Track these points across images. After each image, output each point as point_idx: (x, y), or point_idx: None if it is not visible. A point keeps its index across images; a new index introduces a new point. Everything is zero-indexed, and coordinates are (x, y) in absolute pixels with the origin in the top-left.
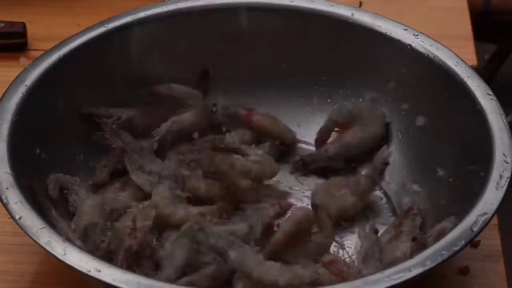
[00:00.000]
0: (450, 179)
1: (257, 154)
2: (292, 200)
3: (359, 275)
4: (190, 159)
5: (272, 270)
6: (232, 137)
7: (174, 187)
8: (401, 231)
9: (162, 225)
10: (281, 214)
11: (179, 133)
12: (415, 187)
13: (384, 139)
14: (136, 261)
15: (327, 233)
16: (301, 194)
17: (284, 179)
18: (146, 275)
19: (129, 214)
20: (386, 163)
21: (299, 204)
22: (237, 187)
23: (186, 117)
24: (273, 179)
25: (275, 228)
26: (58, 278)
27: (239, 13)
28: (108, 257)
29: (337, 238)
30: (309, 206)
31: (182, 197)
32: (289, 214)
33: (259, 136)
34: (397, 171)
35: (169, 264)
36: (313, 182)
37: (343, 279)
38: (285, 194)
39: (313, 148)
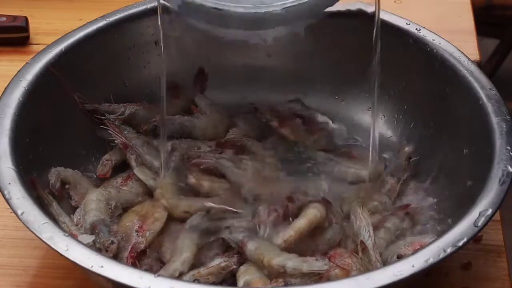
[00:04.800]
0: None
1: (262, 155)
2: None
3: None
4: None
5: (283, 257)
6: (234, 132)
7: (178, 180)
8: (384, 225)
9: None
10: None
11: (184, 133)
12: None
13: None
14: (141, 256)
15: (337, 229)
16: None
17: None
18: (149, 269)
19: (138, 209)
20: (409, 158)
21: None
22: None
23: (197, 122)
24: None
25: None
26: (60, 272)
27: None
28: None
29: None
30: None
31: (186, 189)
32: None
33: (264, 131)
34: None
35: (177, 258)
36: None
37: (347, 272)
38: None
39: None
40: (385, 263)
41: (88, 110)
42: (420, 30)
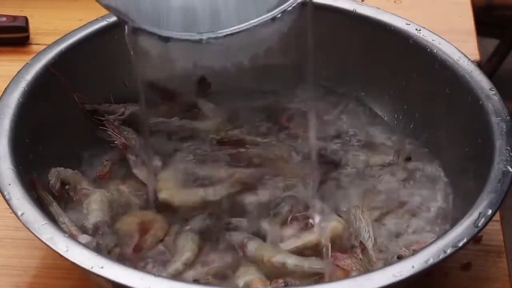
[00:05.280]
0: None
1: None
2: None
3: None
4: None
5: (283, 255)
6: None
7: (178, 172)
8: (383, 223)
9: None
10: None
11: (184, 135)
12: None
13: None
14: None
15: None
16: None
17: None
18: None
19: (139, 215)
20: (409, 159)
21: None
22: None
23: (199, 125)
24: None
25: None
26: (60, 272)
27: None
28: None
29: None
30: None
31: (187, 180)
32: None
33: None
34: None
35: (178, 258)
36: None
37: (347, 272)
38: None
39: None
40: (385, 263)
41: (88, 111)
42: (420, 30)
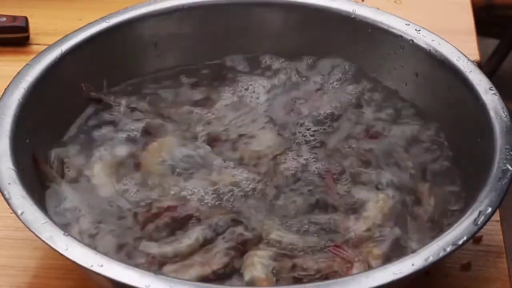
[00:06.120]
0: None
1: None
2: None
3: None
4: None
5: (281, 232)
6: None
7: None
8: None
9: None
10: None
11: None
12: None
13: None
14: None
15: None
16: None
17: None
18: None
19: None
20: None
21: None
22: None
23: None
24: None
25: None
26: (60, 272)
27: (239, 8)
28: None
29: None
30: None
31: None
32: None
33: None
34: None
35: (185, 241)
36: None
37: (346, 261)
38: None
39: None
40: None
41: (93, 99)
42: (420, 30)
